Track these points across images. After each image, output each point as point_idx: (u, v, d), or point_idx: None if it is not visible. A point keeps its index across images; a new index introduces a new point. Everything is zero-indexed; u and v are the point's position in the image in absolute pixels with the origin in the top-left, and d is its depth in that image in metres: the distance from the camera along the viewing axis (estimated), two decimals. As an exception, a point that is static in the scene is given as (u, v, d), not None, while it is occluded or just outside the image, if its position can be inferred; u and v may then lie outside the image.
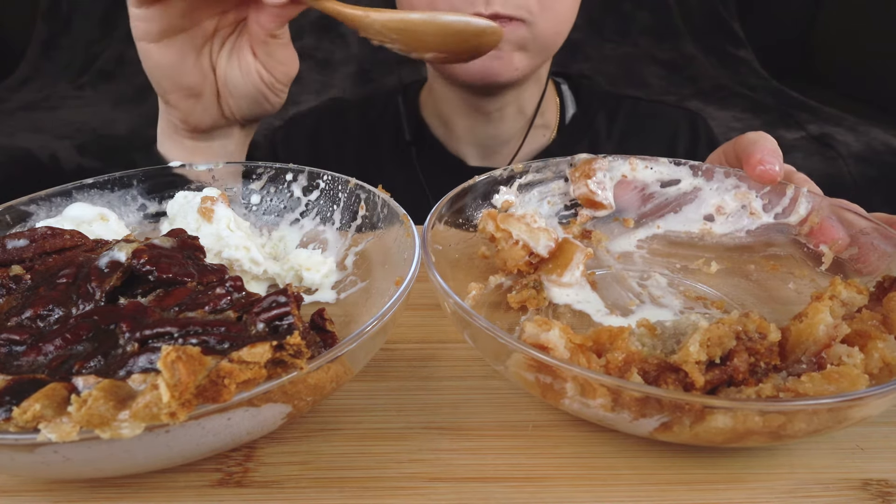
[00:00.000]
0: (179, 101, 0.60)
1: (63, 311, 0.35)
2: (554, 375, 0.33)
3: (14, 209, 0.49)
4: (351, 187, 0.53)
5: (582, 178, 0.55)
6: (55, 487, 0.35)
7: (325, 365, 0.32)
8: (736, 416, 0.31)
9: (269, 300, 0.34)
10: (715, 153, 0.62)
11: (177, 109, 0.61)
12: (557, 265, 0.49)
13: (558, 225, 0.56)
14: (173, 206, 0.51)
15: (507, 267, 0.50)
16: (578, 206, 0.57)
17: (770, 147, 0.53)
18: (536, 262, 0.50)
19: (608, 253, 0.57)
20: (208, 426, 0.30)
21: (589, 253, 0.50)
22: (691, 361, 0.35)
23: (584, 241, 0.54)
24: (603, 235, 0.57)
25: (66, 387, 0.28)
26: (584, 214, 0.56)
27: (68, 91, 2.21)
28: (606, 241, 0.58)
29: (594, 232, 0.57)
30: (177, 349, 0.27)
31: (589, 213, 0.56)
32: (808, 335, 0.38)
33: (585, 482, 0.36)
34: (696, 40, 2.49)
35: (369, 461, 0.37)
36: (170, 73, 0.58)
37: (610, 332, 0.38)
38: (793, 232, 0.54)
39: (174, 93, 0.60)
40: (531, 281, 0.49)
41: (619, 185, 0.57)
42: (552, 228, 0.51)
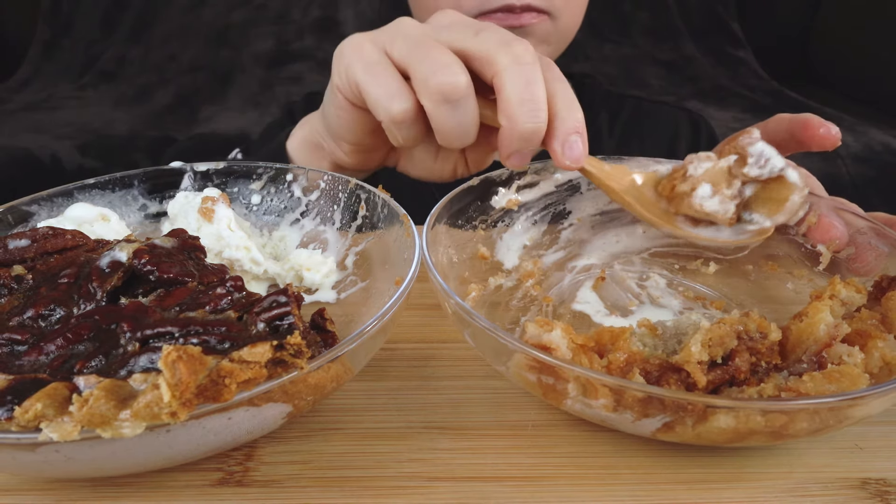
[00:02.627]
0: (350, 153, 0.56)
1: (64, 311, 0.35)
2: (556, 376, 0.33)
3: (15, 209, 0.49)
4: (351, 187, 0.53)
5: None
6: (56, 486, 0.35)
7: (326, 365, 0.32)
8: (738, 415, 0.31)
9: (270, 300, 0.34)
10: (722, 146, 0.62)
11: (342, 152, 0.57)
12: (772, 201, 0.44)
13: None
14: (174, 206, 0.51)
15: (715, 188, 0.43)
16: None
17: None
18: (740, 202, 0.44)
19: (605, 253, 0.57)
20: (209, 426, 0.30)
21: (807, 193, 0.44)
22: (693, 361, 0.35)
23: None
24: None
25: (68, 386, 0.28)
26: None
27: (69, 91, 2.21)
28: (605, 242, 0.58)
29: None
30: (177, 349, 0.28)
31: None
32: (809, 334, 0.38)
33: (585, 482, 0.36)
34: (696, 40, 2.49)
35: (369, 460, 0.37)
36: (359, 136, 0.53)
37: (611, 332, 0.38)
38: (790, 232, 0.54)
39: (352, 144, 0.55)
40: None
41: None
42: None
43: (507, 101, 0.43)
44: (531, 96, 0.43)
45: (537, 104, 0.43)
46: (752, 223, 0.45)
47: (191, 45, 2.29)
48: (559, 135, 0.44)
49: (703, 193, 0.44)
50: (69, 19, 2.38)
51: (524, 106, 0.43)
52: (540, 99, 0.43)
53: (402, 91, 0.45)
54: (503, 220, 0.55)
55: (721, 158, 0.46)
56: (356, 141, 0.55)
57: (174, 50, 2.29)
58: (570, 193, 0.58)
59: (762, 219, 0.45)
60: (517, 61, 0.43)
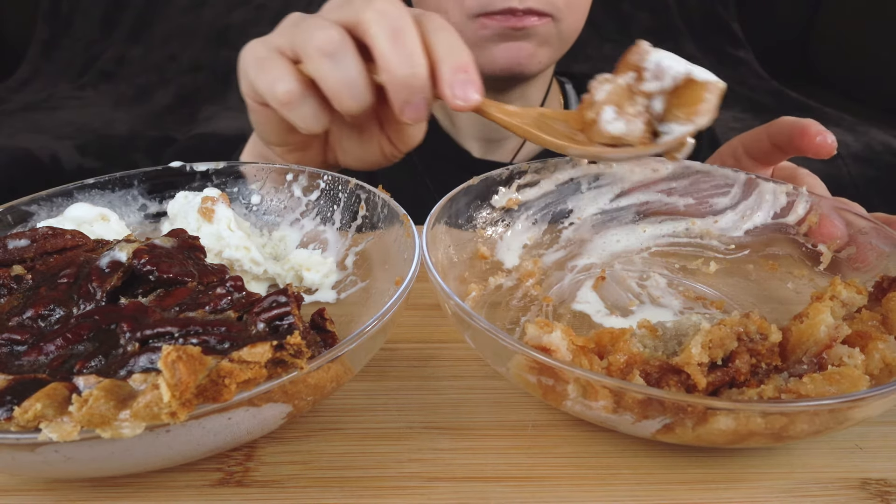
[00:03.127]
0: (284, 153, 0.57)
1: (64, 311, 0.35)
2: (556, 377, 0.33)
3: (15, 209, 0.49)
4: (351, 187, 0.53)
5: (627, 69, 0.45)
6: (56, 487, 0.35)
7: (326, 365, 0.32)
8: (738, 417, 0.31)
9: (270, 300, 0.34)
10: (728, 144, 0.61)
11: (277, 156, 0.58)
12: (686, 105, 0.42)
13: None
14: (174, 206, 0.51)
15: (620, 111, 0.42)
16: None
17: (817, 122, 0.53)
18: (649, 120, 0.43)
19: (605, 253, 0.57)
20: (209, 426, 0.30)
21: (722, 88, 0.42)
22: (693, 363, 0.35)
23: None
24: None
25: (67, 386, 0.28)
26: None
27: (69, 91, 2.21)
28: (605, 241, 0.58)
29: None
30: (177, 349, 0.27)
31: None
32: (809, 336, 0.38)
33: (585, 482, 0.36)
34: (696, 40, 2.49)
35: (369, 461, 0.37)
36: (276, 130, 0.54)
37: (611, 333, 0.38)
38: (791, 231, 0.54)
39: (280, 146, 0.56)
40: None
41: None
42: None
43: (378, 53, 0.44)
44: (400, 43, 0.43)
45: (408, 50, 0.43)
46: (671, 134, 0.43)
47: (191, 45, 2.29)
48: (444, 78, 0.44)
49: (607, 118, 0.43)
50: (69, 19, 2.38)
51: (394, 54, 0.43)
52: (410, 45, 0.43)
53: (285, 73, 0.46)
54: (503, 220, 0.55)
55: (619, 76, 0.44)
56: (280, 142, 0.55)
57: (174, 50, 2.29)
58: (571, 192, 0.58)
59: (680, 127, 0.43)
60: (381, 15, 0.44)
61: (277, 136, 0.54)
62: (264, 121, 0.53)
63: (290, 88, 0.46)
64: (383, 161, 0.58)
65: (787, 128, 0.54)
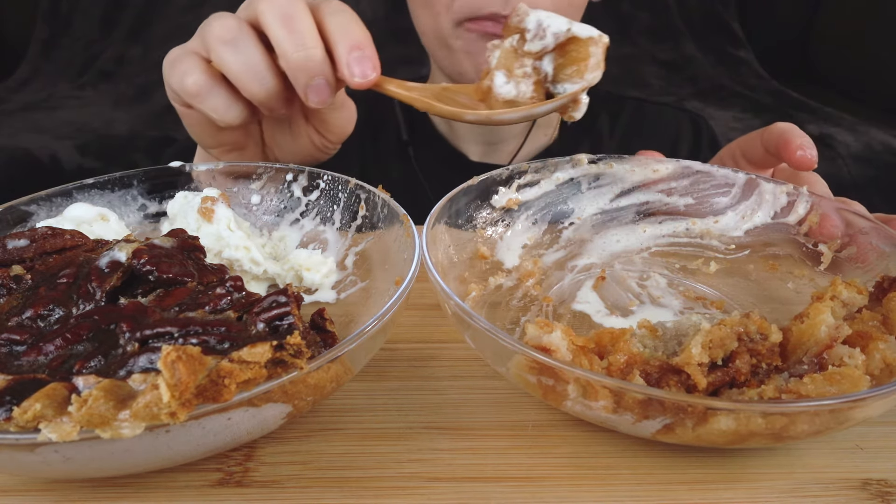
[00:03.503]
0: (221, 154, 0.58)
1: (63, 311, 0.35)
2: (556, 378, 0.33)
3: (14, 209, 0.49)
4: (351, 187, 0.53)
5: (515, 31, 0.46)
6: (55, 487, 0.35)
7: (326, 365, 0.32)
8: (739, 417, 0.31)
9: (269, 300, 0.34)
10: (727, 148, 0.62)
11: (215, 158, 0.59)
12: (574, 68, 0.43)
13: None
14: (173, 206, 0.51)
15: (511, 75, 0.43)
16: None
17: (805, 135, 0.54)
18: (542, 78, 0.44)
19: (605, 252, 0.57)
20: (208, 426, 0.30)
21: (605, 43, 0.43)
22: (693, 363, 0.35)
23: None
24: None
25: (67, 386, 0.28)
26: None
27: (68, 91, 2.21)
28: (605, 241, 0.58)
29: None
30: (177, 349, 0.27)
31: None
32: (810, 336, 0.38)
33: (585, 482, 0.36)
34: (696, 40, 2.49)
35: (369, 461, 0.37)
36: (210, 133, 0.55)
37: (611, 333, 0.38)
38: (792, 231, 0.54)
39: (215, 148, 0.57)
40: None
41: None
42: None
43: (273, 41, 0.46)
44: (291, 28, 0.45)
45: (299, 34, 0.45)
46: (564, 93, 0.44)
47: (190, 45, 2.29)
48: (341, 58, 0.45)
49: (498, 82, 0.44)
50: (68, 18, 2.38)
51: (287, 39, 0.45)
52: (302, 29, 0.45)
53: (193, 67, 0.48)
54: (503, 220, 0.55)
55: (504, 40, 0.45)
56: (214, 143, 0.56)
57: (174, 49, 2.29)
58: (571, 192, 0.58)
59: (572, 86, 0.44)
60: (270, 5, 0.46)
61: (209, 137, 0.56)
62: (193, 123, 0.54)
63: (196, 79, 0.48)
64: (318, 153, 0.59)
65: (775, 136, 0.55)
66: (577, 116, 0.45)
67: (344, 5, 0.48)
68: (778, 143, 0.55)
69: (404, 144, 0.93)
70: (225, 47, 0.47)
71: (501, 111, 0.44)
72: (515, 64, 0.43)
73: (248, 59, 0.47)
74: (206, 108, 0.49)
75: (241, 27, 0.47)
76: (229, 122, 0.50)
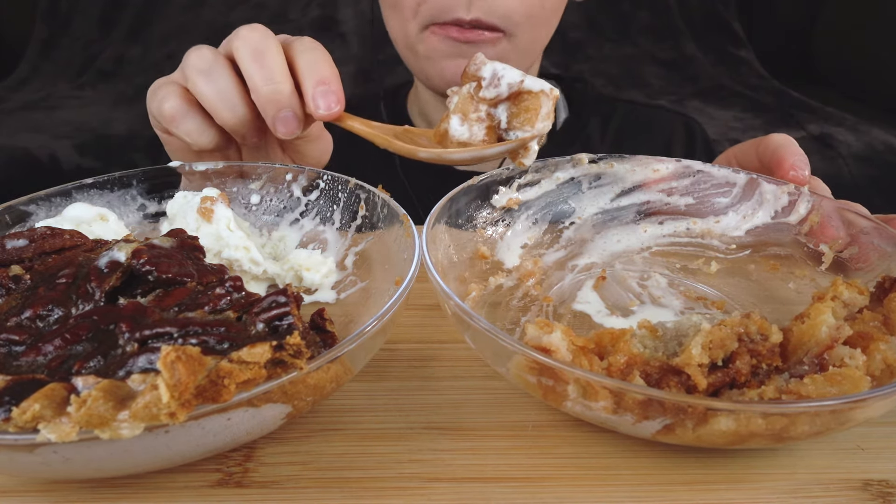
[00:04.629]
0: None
1: (62, 312, 0.35)
2: (556, 378, 0.33)
3: (13, 209, 0.49)
4: (351, 187, 0.53)
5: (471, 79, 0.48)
6: (55, 488, 0.35)
7: (325, 365, 0.32)
8: (739, 418, 0.31)
9: (269, 300, 0.33)
10: (724, 155, 0.63)
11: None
12: (525, 117, 0.45)
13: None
14: (173, 206, 0.51)
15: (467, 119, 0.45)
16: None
17: (798, 152, 0.55)
18: (496, 124, 0.46)
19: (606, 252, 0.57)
20: (208, 426, 0.30)
21: (556, 96, 0.46)
22: (693, 364, 0.35)
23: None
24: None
25: (66, 387, 0.28)
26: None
27: (67, 91, 2.21)
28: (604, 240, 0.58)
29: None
30: (176, 349, 0.27)
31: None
32: (811, 336, 0.38)
33: (585, 482, 0.36)
34: (697, 40, 2.49)
35: (369, 461, 0.37)
36: (189, 158, 0.57)
37: (612, 334, 0.38)
38: (793, 231, 0.54)
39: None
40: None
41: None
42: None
43: (244, 74, 0.49)
44: (261, 63, 0.48)
45: (269, 69, 0.48)
46: (515, 140, 0.46)
47: (190, 44, 2.27)
48: (307, 91, 0.48)
49: (454, 125, 0.46)
50: (67, 18, 2.38)
51: (256, 73, 0.48)
52: (270, 65, 0.48)
53: (171, 93, 0.51)
54: (503, 220, 0.55)
55: (462, 87, 0.47)
56: (173, 154, 0.58)
57: (173, 49, 2.29)
58: (572, 192, 0.58)
59: (523, 133, 0.46)
60: (245, 40, 0.49)
61: (185, 158, 0.57)
62: (174, 149, 0.57)
63: (173, 104, 0.51)
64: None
65: (770, 151, 0.56)
66: (528, 164, 0.48)
67: (316, 43, 0.50)
68: (772, 160, 0.56)
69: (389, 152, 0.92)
70: (200, 76, 0.50)
71: (453, 150, 0.47)
72: (471, 109, 0.46)
73: (220, 88, 0.49)
74: (181, 132, 0.51)
75: (216, 58, 0.50)
76: (203, 146, 0.52)
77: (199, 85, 0.50)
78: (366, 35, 2.33)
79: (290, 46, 0.50)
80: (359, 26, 2.36)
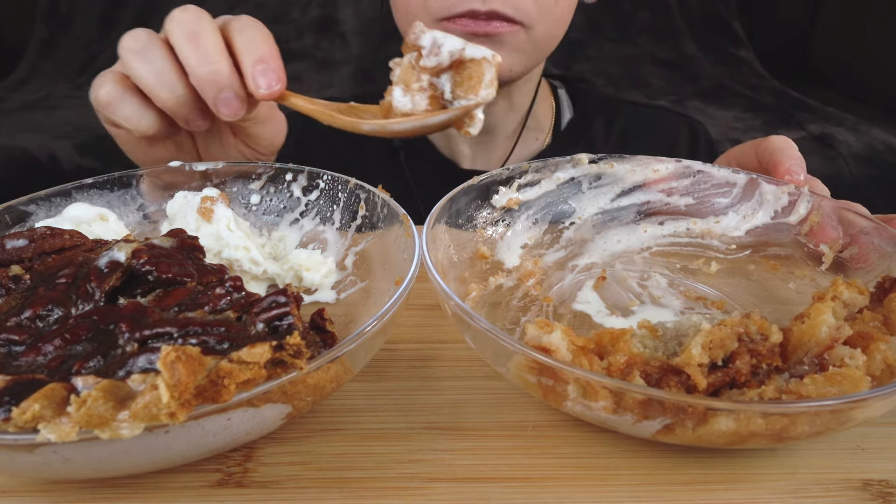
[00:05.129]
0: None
1: (62, 312, 0.35)
2: (556, 378, 0.33)
3: (13, 209, 0.49)
4: (351, 187, 0.53)
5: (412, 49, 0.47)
6: (55, 488, 0.35)
7: (325, 365, 0.32)
8: (739, 418, 0.31)
9: (269, 300, 0.33)
10: (725, 156, 0.63)
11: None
12: (468, 85, 0.45)
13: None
14: (173, 206, 0.51)
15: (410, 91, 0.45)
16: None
17: (796, 156, 0.55)
18: (440, 94, 0.46)
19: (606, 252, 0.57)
20: (208, 426, 0.30)
21: (498, 62, 0.45)
22: (693, 364, 0.35)
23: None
24: None
25: (66, 387, 0.28)
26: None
27: (67, 91, 2.21)
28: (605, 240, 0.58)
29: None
30: (176, 349, 0.27)
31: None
32: (811, 336, 0.38)
33: (585, 482, 0.36)
34: (697, 40, 2.49)
35: (369, 461, 0.37)
36: (144, 151, 0.57)
37: (612, 334, 0.38)
38: (793, 231, 0.54)
39: (149, 165, 0.58)
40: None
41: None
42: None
43: (181, 58, 0.47)
44: (195, 44, 0.47)
45: (204, 50, 0.47)
46: (459, 108, 0.45)
47: (190, 44, 2.29)
48: (247, 71, 0.46)
49: (397, 96, 0.45)
50: (67, 18, 2.38)
51: (192, 55, 0.47)
52: (206, 45, 0.47)
53: (107, 80, 0.50)
54: (503, 220, 0.55)
55: (404, 57, 0.46)
56: (148, 161, 0.58)
57: (173, 49, 2.29)
58: (572, 192, 0.58)
59: (467, 102, 0.45)
60: (178, 23, 0.48)
61: (143, 154, 0.57)
62: (124, 142, 0.57)
63: (108, 90, 0.49)
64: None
65: (768, 153, 0.56)
66: (474, 132, 0.47)
67: (253, 21, 0.49)
68: (769, 163, 0.56)
69: (394, 151, 0.92)
70: (134, 57, 0.48)
71: (396, 120, 0.46)
72: (413, 79, 0.45)
73: (156, 69, 0.48)
74: (119, 117, 0.50)
75: (150, 39, 0.48)
76: (144, 130, 0.51)
77: (134, 66, 0.48)
78: (366, 35, 2.33)
79: (227, 26, 0.48)
80: (359, 26, 2.36)
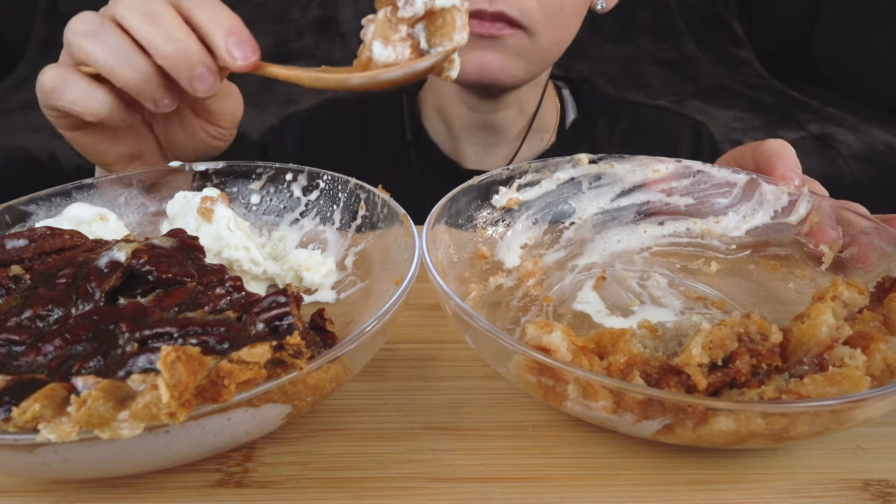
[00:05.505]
0: (119, 166, 0.57)
1: (62, 312, 0.35)
2: (556, 378, 0.33)
3: (13, 209, 0.49)
4: (351, 187, 0.53)
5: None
6: (55, 488, 0.35)
7: (325, 365, 0.32)
8: (739, 418, 0.31)
9: (269, 300, 0.33)
10: (723, 158, 0.63)
11: (106, 164, 0.57)
12: (442, 32, 0.46)
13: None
14: (173, 205, 0.51)
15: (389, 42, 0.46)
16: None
17: (792, 160, 0.55)
18: (417, 44, 0.46)
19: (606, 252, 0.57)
20: (208, 426, 0.30)
21: (466, 8, 0.46)
22: (693, 364, 0.35)
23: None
24: None
25: (66, 387, 0.28)
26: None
27: (68, 90, 2.21)
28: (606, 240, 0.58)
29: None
30: (176, 349, 0.27)
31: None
32: (811, 336, 0.38)
33: (585, 482, 0.36)
34: (697, 40, 2.49)
35: (369, 461, 0.37)
36: (102, 150, 0.54)
37: (612, 334, 0.38)
38: (793, 231, 0.54)
39: (111, 163, 0.56)
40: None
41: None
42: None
43: (141, 41, 0.45)
44: (156, 24, 0.45)
45: (165, 28, 0.45)
46: (441, 53, 0.47)
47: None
48: (218, 44, 0.45)
49: (378, 50, 0.46)
50: (67, 18, 2.37)
51: (154, 35, 0.45)
52: (167, 24, 0.45)
53: (50, 68, 0.48)
54: (503, 220, 0.55)
55: (378, 12, 0.47)
56: (109, 157, 0.56)
57: (174, 49, 2.28)
58: (572, 192, 0.58)
59: (443, 48, 0.46)
60: (127, 7, 0.45)
61: (103, 152, 0.55)
62: (83, 144, 0.54)
63: (52, 75, 0.47)
64: (216, 142, 0.59)
65: (764, 158, 0.57)
66: (453, 76, 0.48)
67: None
68: (766, 166, 0.56)
69: (407, 146, 0.92)
70: (87, 39, 0.46)
71: (384, 70, 0.46)
72: (391, 32, 0.46)
73: (113, 46, 0.45)
74: (66, 102, 0.47)
75: (102, 20, 0.46)
76: (95, 111, 0.48)
77: (87, 48, 0.46)
78: (366, 35, 2.33)
79: (179, 5, 0.46)
80: (359, 26, 2.36)
